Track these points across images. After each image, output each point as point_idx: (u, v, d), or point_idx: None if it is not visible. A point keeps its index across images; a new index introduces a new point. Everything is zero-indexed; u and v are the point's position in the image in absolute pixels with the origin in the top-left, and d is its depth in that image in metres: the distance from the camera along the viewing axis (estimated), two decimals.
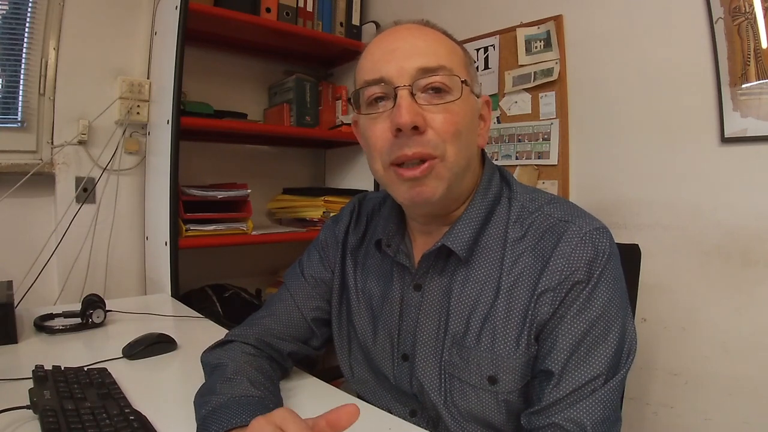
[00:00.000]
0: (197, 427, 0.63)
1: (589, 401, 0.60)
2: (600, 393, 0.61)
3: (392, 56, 0.66)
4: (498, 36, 1.55)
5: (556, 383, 0.62)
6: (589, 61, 1.35)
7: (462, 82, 0.67)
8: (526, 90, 1.48)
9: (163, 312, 1.27)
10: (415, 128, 0.63)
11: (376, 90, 0.67)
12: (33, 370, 0.76)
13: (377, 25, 1.94)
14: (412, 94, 0.65)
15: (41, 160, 1.54)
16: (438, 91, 0.66)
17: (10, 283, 1.17)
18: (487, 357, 0.67)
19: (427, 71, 0.65)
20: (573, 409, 0.60)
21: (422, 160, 0.65)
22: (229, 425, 0.59)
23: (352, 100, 0.71)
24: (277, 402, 0.71)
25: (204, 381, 0.74)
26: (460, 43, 0.73)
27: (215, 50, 1.85)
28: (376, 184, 1.93)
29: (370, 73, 0.68)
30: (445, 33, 0.72)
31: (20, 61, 1.51)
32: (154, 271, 1.62)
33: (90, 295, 1.18)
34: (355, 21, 1.96)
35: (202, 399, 0.67)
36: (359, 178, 2.03)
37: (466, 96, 0.68)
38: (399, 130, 0.64)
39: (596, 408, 0.60)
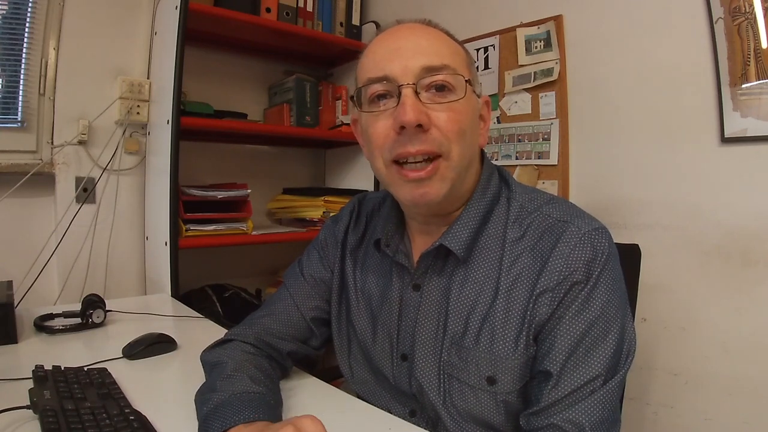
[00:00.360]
0: (199, 426, 0.63)
1: (588, 402, 0.60)
2: (599, 394, 0.61)
3: (396, 55, 0.66)
4: (498, 36, 1.55)
5: (555, 384, 0.62)
6: (589, 61, 1.35)
7: (466, 81, 0.67)
8: (526, 90, 1.48)
9: (163, 312, 1.27)
10: (419, 126, 0.64)
11: (378, 88, 0.67)
12: (33, 370, 0.76)
13: (377, 25, 1.94)
14: (416, 93, 0.65)
15: (41, 160, 1.54)
16: (441, 89, 0.66)
17: (10, 283, 1.17)
18: (486, 357, 0.67)
19: (431, 70, 0.65)
20: (572, 410, 0.60)
21: (426, 159, 0.65)
22: (232, 422, 0.60)
23: (354, 98, 0.71)
24: (277, 400, 0.71)
25: (204, 380, 0.74)
26: (462, 43, 0.74)
27: (215, 50, 1.85)
28: (376, 184, 1.93)
29: (374, 71, 0.68)
30: (447, 33, 0.72)
31: (20, 61, 1.50)
32: (154, 271, 1.62)
33: (90, 295, 1.18)
34: (355, 21, 1.96)
35: (202, 397, 0.68)
36: (359, 178, 2.03)
37: (469, 95, 0.68)
38: (402, 127, 0.64)
39: (595, 409, 0.60)
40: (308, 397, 0.79)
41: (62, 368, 0.79)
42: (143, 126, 1.69)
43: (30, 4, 1.49)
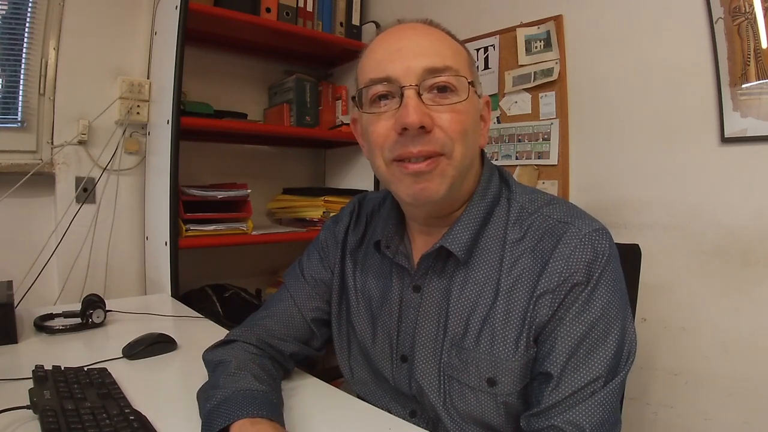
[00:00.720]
0: (202, 423, 0.63)
1: (588, 404, 0.60)
2: (599, 395, 0.61)
3: (398, 55, 0.66)
4: (498, 36, 1.55)
5: (555, 385, 0.62)
6: (589, 61, 1.35)
7: (468, 83, 0.67)
8: (526, 90, 1.48)
9: (163, 312, 1.27)
10: (422, 128, 0.63)
11: (380, 88, 0.67)
12: (33, 370, 0.76)
13: (377, 25, 1.94)
14: (419, 94, 0.64)
15: (41, 160, 1.54)
16: (444, 90, 0.66)
17: (10, 283, 1.17)
18: (486, 359, 0.67)
19: (433, 71, 0.65)
20: (572, 411, 0.60)
21: (427, 157, 0.65)
22: (235, 417, 0.60)
23: (355, 99, 0.71)
24: (279, 399, 0.71)
25: (206, 379, 0.74)
26: (463, 44, 0.73)
27: (215, 50, 1.85)
28: (377, 184, 1.93)
29: (375, 71, 0.67)
30: (448, 33, 0.72)
31: (20, 61, 1.50)
32: (154, 271, 1.62)
33: (90, 295, 1.18)
34: (355, 21, 1.96)
35: (205, 394, 0.68)
36: (359, 178, 2.03)
37: (471, 96, 0.68)
38: (405, 129, 0.64)
39: (595, 410, 0.60)
40: (309, 397, 0.80)
41: (62, 368, 0.79)
42: (143, 126, 1.69)
43: (30, 4, 1.49)
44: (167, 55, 1.49)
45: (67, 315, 1.12)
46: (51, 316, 1.11)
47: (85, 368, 0.81)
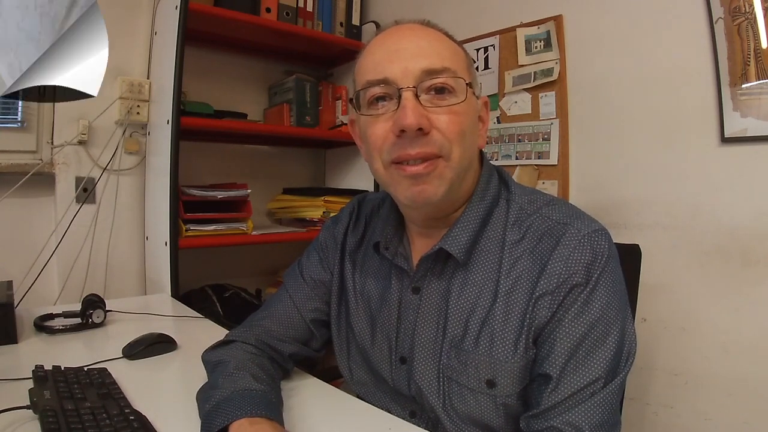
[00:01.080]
0: (202, 423, 0.63)
1: (588, 405, 0.60)
2: (599, 396, 0.61)
3: (396, 57, 0.66)
4: (498, 36, 1.55)
5: (555, 387, 0.62)
6: (589, 61, 1.35)
7: (467, 84, 0.67)
8: (526, 90, 1.48)
9: (163, 312, 1.27)
10: (420, 129, 0.63)
11: (378, 90, 0.66)
12: (33, 370, 0.76)
13: (377, 25, 1.94)
14: (417, 96, 0.64)
15: (41, 160, 1.54)
16: (441, 92, 0.65)
17: (10, 283, 1.17)
18: (486, 361, 0.66)
19: (431, 73, 0.65)
20: (571, 412, 0.60)
21: (425, 159, 0.65)
22: (234, 417, 0.60)
23: (353, 100, 0.71)
24: (279, 398, 0.71)
25: (206, 380, 0.74)
26: (461, 44, 0.73)
27: (215, 50, 1.85)
28: (376, 185, 1.93)
29: (373, 73, 0.67)
30: (446, 33, 0.72)
31: None
32: (154, 271, 1.62)
33: (90, 295, 1.18)
34: (355, 21, 1.96)
35: (204, 395, 0.68)
36: (359, 178, 2.03)
37: (470, 97, 0.68)
38: (403, 131, 0.63)
39: (595, 411, 0.60)
40: (309, 397, 0.80)
41: (62, 368, 0.79)
42: (143, 126, 1.69)
43: None
44: (167, 55, 1.49)
45: (67, 315, 1.12)
46: (51, 316, 1.11)
47: (85, 368, 0.81)
